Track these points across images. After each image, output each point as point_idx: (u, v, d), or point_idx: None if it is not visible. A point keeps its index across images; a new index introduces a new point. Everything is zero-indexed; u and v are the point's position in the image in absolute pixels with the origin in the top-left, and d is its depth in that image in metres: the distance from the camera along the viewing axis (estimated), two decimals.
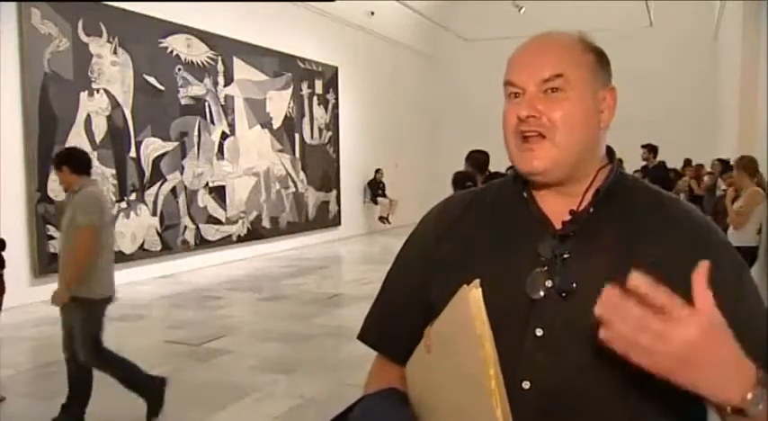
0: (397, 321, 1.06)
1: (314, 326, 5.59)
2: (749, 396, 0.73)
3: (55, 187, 6.62)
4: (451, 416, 0.90)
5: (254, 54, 9.72)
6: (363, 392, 1.02)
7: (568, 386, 0.88)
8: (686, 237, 0.93)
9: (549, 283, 0.91)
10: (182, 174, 8.36)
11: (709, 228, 0.96)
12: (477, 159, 5.56)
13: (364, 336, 1.12)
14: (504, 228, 1.00)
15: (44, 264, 6.53)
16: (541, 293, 0.91)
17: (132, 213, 7.57)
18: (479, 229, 1.01)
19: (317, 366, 4.51)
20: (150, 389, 3.56)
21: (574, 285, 0.90)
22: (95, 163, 7.08)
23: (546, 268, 0.92)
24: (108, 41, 7.23)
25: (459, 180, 4.91)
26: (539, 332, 0.90)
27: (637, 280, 0.70)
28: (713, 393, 0.74)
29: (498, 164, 5.63)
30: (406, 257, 1.10)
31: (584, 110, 0.95)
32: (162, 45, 8.01)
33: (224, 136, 9.17)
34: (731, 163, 7.38)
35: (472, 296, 0.85)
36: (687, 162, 12.06)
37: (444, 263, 1.01)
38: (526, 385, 0.89)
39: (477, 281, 0.86)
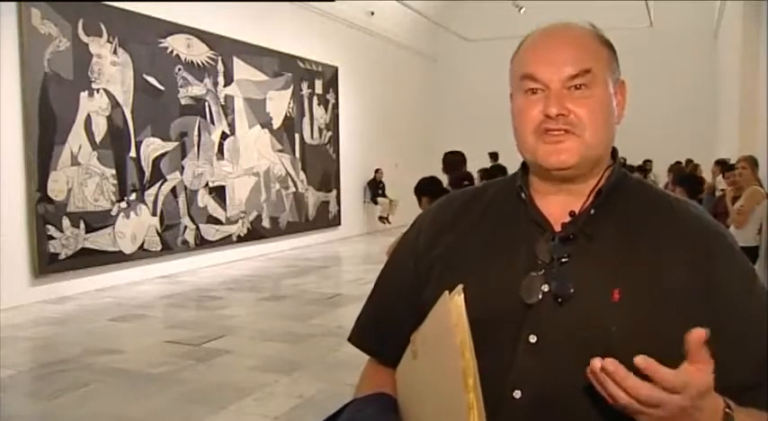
0: (389, 323, 1.02)
1: (314, 327, 5.59)
2: None
3: (55, 187, 6.62)
4: None
5: (254, 54, 9.71)
6: (354, 395, 0.99)
7: (561, 395, 0.84)
8: (692, 242, 0.89)
9: (545, 288, 0.87)
10: (182, 174, 8.36)
11: (717, 233, 0.92)
12: (447, 160, 5.75)
13: (355, 339, 1.08)
14: (501, 229, 0.95)
15: (44, 264, 6.53)
16: (537, 298, 0.87)
17: (132, 213, 7.56)
18: (475, 230, 0.97)
19: (317, 366, 4.51)
20: None
21: (571, 290, 0.86)
22: (95, 163, 7.09)
23: (543, 272, 0.88)
24: (108, 41, 7.23)
25: (457, 181, 4.93)
26: (532, 339, 0.86)
27: (643, 361, 0.70)
28: None
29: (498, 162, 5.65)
30: (399, 258, 1.06)
31: (608, 106, 0.92)
32: (162, 45, 8.01)
33: (224, 136, 9.17)
34: (731, 162, 7.36)
35: (453, 303, 0.81)
36: (688, 161, 12.08)
37: (437, 264, 0.96)
38: (517, 394, 0.85)
39: (460, 287, 0.82)
